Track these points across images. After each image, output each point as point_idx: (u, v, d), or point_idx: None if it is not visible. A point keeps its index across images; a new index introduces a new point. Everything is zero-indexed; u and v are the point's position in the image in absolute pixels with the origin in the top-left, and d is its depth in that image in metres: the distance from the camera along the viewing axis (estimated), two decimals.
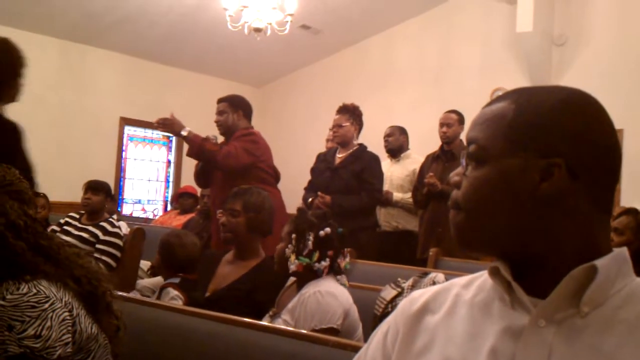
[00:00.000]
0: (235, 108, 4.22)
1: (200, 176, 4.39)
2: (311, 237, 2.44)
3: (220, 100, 4.31)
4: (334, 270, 2.47)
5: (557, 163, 0.86)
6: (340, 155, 4.52)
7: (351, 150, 4.48)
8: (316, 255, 2.42)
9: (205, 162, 4.15)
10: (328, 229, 2.45)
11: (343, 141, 4.50)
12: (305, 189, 4.65)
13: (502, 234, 0.89)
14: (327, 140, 5.56)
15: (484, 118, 0.94)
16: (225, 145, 4.07)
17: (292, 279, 2.60)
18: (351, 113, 4.53)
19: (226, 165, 3.99)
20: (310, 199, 4.33)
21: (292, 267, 2.47)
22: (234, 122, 4.20)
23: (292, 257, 2.46)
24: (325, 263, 2.42)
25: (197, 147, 4.01)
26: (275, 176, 4.29)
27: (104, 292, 1.60)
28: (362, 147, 4.58)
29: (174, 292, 2.77)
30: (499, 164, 0.89)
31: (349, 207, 4.03)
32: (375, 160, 4.58)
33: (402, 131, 5.62)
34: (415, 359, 0.94)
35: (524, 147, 0.87)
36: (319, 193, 4.34)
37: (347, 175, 4.36)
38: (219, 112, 4.24)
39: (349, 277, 2.57)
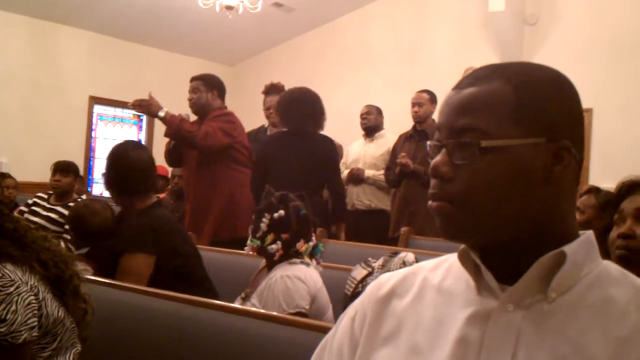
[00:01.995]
0: (209, 87, 4.17)
1: (172, 155, 4.34)
2: (266, 219, 2.43)
3: (194, 79, 4.25)
4: (291, 254, 2.41)
5: (566, 146, 0.86)
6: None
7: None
8: (269, 238, 2.40)
9: (182, 142, 4.11)
10: (282, 212, 2.41)
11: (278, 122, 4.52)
12: None
13: (503, 223, 0.86)
14: None
15: (477, 102, 0.87)
16: (203, 125, 4.02)
17: (263, 261, 2.59)
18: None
19: (205, 147, 3.94)
20: None
21: (247, 249, 2.48)
22: (208, 102, 4.15)
23: (249, 239, 2.46)
24: (276, 246, 2.39)
25: (175, 128, 3.96)
26: (250, 156, 4.26)
27: (71, 276, 1.58)
28: None
29: (80, 265, 2.72)
30: (510, 152, 0.84)
31: None
32: None
33: (379, 111, 5.64)
34: (383, 344, 0.94)
35: (533, 131, 0.85)
36: None
37: None
38: (193, 90, 4.19)
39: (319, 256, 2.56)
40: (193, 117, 4.32)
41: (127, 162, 2.75)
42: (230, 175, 4.00)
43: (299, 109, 4.03)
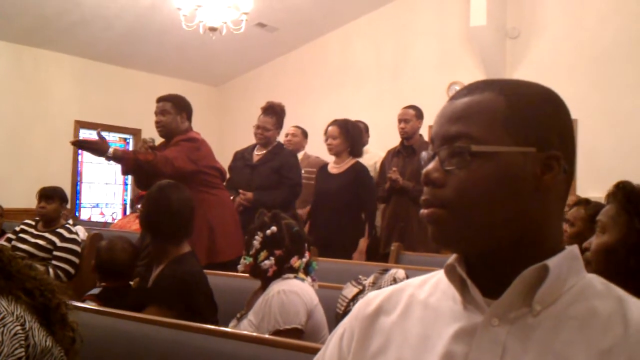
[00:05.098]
0: (179, 110, 3.95)
1: (142, 179, 4.06)
2: (259, 237, 2.44)
3: (161, 99, 3.99)
4: (285, 270, 2.42)
5: (556, 156, 0.87)
6: (258, 153, 4.56)
7: (270, 148, 4.54)
8: (263, 255, 2.41)
9: (144, 174, 3.83)
10: (274, 228, 2.43)
11: (266, 143, 4.53)
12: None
13: (494, 229, 0.86)
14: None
15: (469, 110, 0.89)
16: (166, 151, 3.83)
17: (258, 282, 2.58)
18: (278, 116, 4.56)
19: (164, 173, 3.62)
20: (232, 197, 4.32)
21: (240, 267, 2.48)
22: (178, 125, 3.93)
23: (242, 257, 2.47)
24: (269, 262, 2.39)
25: (132, 163, 3.70)
26: (221, 176, 4.17)
27: (58, 304, 1.55)
28: (279, 144, 4.69)
29: (90, 304, 2.72)
30: (500, 158, 0.86)
31: (271, 202, 3.97)
32: (293, 156, 4.73)
33: (367, 129, 5.68)
34: None
35: (524, 140, 0.86)
36: (240, 190, 4.37)
37: (267, 171, 4.42)
38: (161, 112, 3.93)
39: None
40: (159, 141, 4.12)
41: (168, 206, 2.67)
42: (202, 198, 3.69)
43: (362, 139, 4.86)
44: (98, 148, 3.63)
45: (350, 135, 4.64)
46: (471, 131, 0.87)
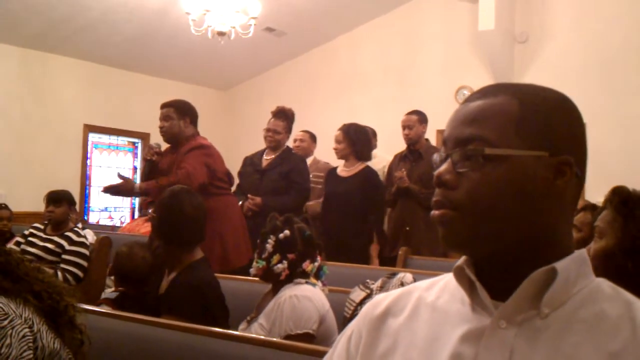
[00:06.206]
0: (182, 114, 4.03)
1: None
2: (271, 240, 2.44)
3: (164, 106, 4.10)
4: (297, 274, 2.43)
5: (569, 161, 0.87)
6: (267, 158, 4.59)
7: (279, 152, 4.57)
8: (275, 258, 2.41)
9: None
10: (287, 232, 2.44)
11: (276, 146, 4.54)
12: (234, 192, 4.60)
13: (504, 232, 0.87)
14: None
15: (483, 113, 0.89)
16: (182, 162, 3.85)
17: (268, 286, 2.58)
18: (289, 120, 4.61)
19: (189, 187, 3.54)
20: (240, 202, 4.33)
21: (252, 271, 2.48)
22: (181, 130, 4.01)
23: (255, 261, 2.47)
24: (282, 265, 2.40)
25: (157, 192, 3.65)
26: (229, 181, 4.18)
27: (66, 307, 1.56)
28: (288, 148, 4.73)
29: (105, 309, 2.72)
30: (512, 161, 0.86)
31: (280, 207, 3.92)
32: (302, 161, 4.77)
33: (375, 134, 5.67)
34: None
35: (537, 144, 0.87)
36: (249, 195, 4.38)
37: (276, 176, 4.45)
38: (164, 118, 4.03)
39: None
40: (164, 145, 4.19)
41: (182, 213, 2.67)
42: (213, 206, 3.64)
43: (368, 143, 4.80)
44: (125, 189, 3.82)
45: (353, 139, 4.64)
46: (484, 134, 0.88)
